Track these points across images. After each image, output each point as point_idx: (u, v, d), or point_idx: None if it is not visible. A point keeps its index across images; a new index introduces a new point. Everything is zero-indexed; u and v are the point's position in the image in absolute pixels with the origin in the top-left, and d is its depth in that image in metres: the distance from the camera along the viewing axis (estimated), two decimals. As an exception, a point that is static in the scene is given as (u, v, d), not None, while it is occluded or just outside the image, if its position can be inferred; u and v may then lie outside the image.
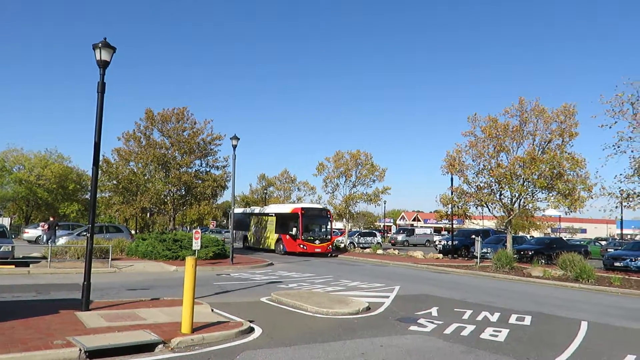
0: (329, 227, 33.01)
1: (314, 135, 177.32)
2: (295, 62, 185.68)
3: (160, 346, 7.42)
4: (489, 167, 25.26)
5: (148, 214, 38.74)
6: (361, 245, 41.05)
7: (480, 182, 26.11)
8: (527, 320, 10.84)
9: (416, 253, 32.65)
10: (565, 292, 17.02)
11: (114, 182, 33.00)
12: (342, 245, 38.67)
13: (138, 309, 9.96)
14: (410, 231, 59.23)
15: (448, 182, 28.19)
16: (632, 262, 24.01)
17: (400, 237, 54.59)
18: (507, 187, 24.72)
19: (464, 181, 26.67)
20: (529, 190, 24.59)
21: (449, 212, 28.75)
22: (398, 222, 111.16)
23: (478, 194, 25.84)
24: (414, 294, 14.80)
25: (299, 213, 31.14)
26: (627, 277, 20.61)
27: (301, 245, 30.57)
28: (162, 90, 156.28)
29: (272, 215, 33.95)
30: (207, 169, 34.99)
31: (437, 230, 71.97)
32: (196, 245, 20.34)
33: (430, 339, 8.61)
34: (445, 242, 35.48)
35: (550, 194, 24.52)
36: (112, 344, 7.11)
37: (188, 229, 66.01)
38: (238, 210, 41.13)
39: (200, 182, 34.06)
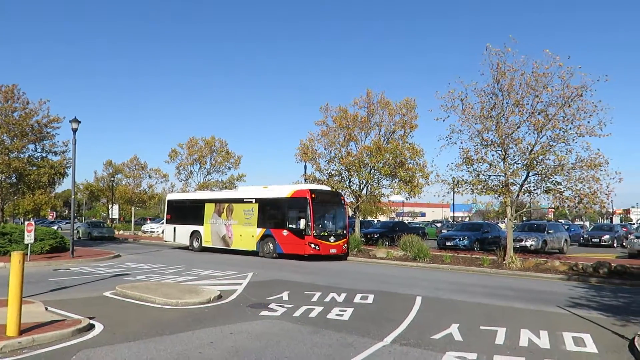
0: (344, 219, 23.99)
1: (166, 121, 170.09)
2: (144, 44, 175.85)
3: (-22, 353, 6.57)
4: (340, 155, 26.50)
5: (-30, 205, 34.02)
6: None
7: (332, 169, 27.34)
8: (370, 298, 11.60)
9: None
10: (406, 271, 18.55)
11: None
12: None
13: (-48, 313, 8.70)
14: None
15: (302, 170, 28.99)
16: (460, 241, 26.97)
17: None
18: (355, 174, 26.18)
19: (316, 169, 27.71)
20: (375, 177, 26.32)
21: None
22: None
23: (329, 181, 26.97)
24: (267, 279, 15.01)
25: (308, 198, 21.74)
26: (456, 254, 23.06)
27: (312, 245, 21.55)
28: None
29: (251, 202, 24.41)
30: (44, 155, 31.77)
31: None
32: (29, 238, 18.47)
33: (280, 323, 8.80)
34: (299, 228, 36.39)
35: (394, 181, 26.53)
36: None
37: (21, 221, 59.31)
38: (180, 196, 31.26)
39: (34, 168, 30.81)
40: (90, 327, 8.19)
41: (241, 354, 6.80)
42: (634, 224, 50.75)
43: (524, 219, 51.64)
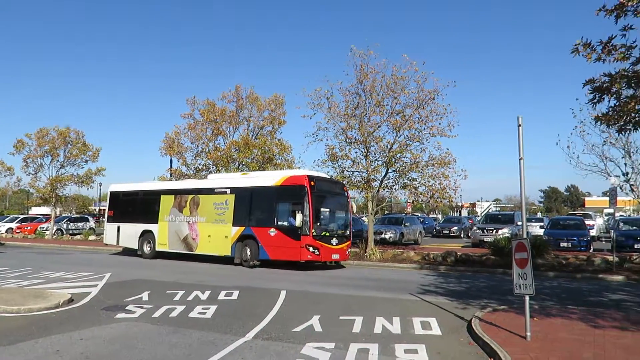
0: (348, 215, 19.32)
1: (11, 105, 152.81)
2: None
3: None
4: (207, 150, 25.98)
5: None
6: (71, 232, 37.41)
7: (199, 164, 26.66)
8: (235, 295, 11.52)
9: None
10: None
11: None
12: (47, 233, 34.82)
13: None
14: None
15: (168, 164, 27.84)
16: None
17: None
18: (223, 170, 25.80)
19: (182, 163, 26.86)
20: (244, 173, 26.19)
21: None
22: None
23: (196, 176, 26.28)
24: (127, 279, 14.21)
25: (306, 186, 16.74)
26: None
27: (311, 248, 16.61)
28: None
29: (224, 193, 19.15)
30: None
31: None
32: None
33: (137, 325, 8.38)
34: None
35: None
36: None
37: None
38: (127, 187, 23.88)
39: None
40: None
41: (91, 360, 6.35)
42: (478, 216, 56.51)
43: (385, 212, 54.92)
